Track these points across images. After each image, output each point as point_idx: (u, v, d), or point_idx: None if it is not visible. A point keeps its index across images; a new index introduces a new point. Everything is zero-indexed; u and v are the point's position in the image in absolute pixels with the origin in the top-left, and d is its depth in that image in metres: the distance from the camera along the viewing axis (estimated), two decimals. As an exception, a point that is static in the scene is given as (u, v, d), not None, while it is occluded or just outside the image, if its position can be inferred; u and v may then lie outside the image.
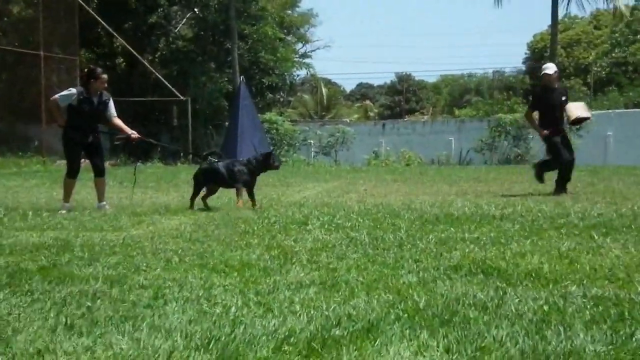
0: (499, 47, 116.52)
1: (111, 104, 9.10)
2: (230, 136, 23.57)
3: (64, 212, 8.43)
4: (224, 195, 9.68)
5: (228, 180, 8.81)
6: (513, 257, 4.89)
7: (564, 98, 10.53)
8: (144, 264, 4.83)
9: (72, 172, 9.02)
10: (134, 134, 9.23)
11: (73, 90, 8.94)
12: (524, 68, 56.18)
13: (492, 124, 26.87)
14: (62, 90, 9.46)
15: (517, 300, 3.70)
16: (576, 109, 10.60)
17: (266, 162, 8.90)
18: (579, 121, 10.73)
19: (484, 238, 5.77)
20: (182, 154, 25.46)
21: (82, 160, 9.22)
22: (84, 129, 8.91)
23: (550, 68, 10.73)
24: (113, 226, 7.05)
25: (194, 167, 20.45)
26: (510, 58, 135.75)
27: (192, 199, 8.80)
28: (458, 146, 28.28)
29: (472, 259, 4.84)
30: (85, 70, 9.06)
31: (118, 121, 9.20)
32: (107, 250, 5.46)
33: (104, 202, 8.98)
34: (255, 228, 6.64)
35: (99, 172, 9.10)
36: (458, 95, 59.58)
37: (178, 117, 30.23)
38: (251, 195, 8.78)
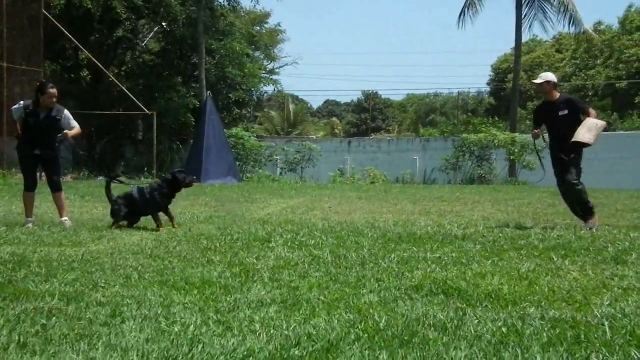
0: (464, 68, 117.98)
1: (66, 117, 8.85)
2: (196, 151, 23.45)
3: (30, 225, 8.31)
4: (187, 211, 9.58)
5: (144, 210, 8.46)
6: (474, 278, 4.92)
7: (565, 111, 8.66)
8: (103, 281, 4.76)
9: (27, 185, 8.90)
10: (65, 132, 8.78)
11: (21, 104, 8.84)
12: (488, 89, 56.98)
13: (456, 144, 27.14)
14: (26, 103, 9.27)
15: (476, 321, 3.72)
16: (584, 128, 8.49)
17: (177, 182, 8.58)
18: (579, 144, 8.53)
19: (446, 258, 5.81)
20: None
21: (39, 173, 9.06)
22: (32, 142, 8.76)
23: (540, 77, 8.97)
24: (72, 241, 6.94)
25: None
26: (475, 78, 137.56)
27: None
28: (422, 165, 28.50)
29: (434, 278, 4.86)
30: (37, 84, 8.89)
31: (75, 132, 8.89)
32: (65, 266, 5.38)
33: (65, 217, 8.81)
34: (218, 245, 6.59)
35: (54, 187, 8.94)
36: (423, 114, 60.14)
37: (143, 131, 29.97)
38: (169, 215, 8.48)
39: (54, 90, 8.76)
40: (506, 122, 32.14)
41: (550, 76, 8.95)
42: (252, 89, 32.43)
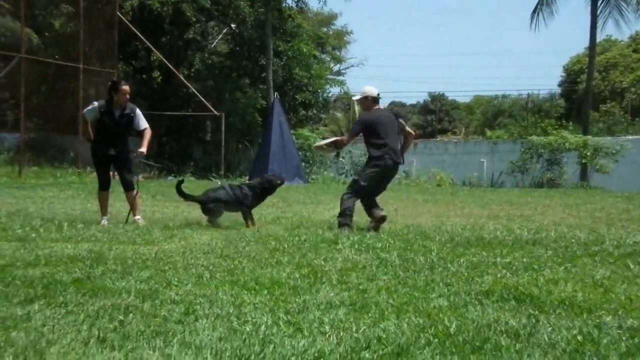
0: (534, 69, 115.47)
1: (138, 116, 9.08)
2: (263, 152, 23.67)
3: (105, 223, 8.56)
4: (254, 212, 9.67)
5: (235, 208, 8.76)
6: (546, 284, 4.82)
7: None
8: (176, 279, 4.86)
9: (102, 185, 9.13)
10: (140, 151, 9.05)
11: (95, 104, 9.00)
12: (559, 91, 55.62)
13: (525, 146, 26.64)
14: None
15: (550, 328, 3.65)
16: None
17: (271, 187, 8.98)
18: None
19: (517, 263, 5.71)
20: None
21: (113, 172, 9.31)
22: (107, 142, 8.97)
23: (362, 92, 8.94)
24: (146, 240, 7.10)
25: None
26: (545, 80, 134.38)
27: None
28: (490, 168, 28.08)
29: (504, 284, 4.78)
30: (109, 83, 9.15)
31: (145, 133, 9.10)
32: (140, 263, 5.50)
33: (138, 216, 9.02)
34: (286, 246, 6.64)
35: (127, 186, 9.14)
36: (491, 116, 59.17)
37: (212, 132, 30.46)
38: (251, 217, 8.75)
39: (126, 87, 8.96)
40: (578, 125, 31.35)
41: (369, 90, 8.92)
42: (319, 91, 32.56)
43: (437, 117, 61.70)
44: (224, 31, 32.96)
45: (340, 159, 27.98)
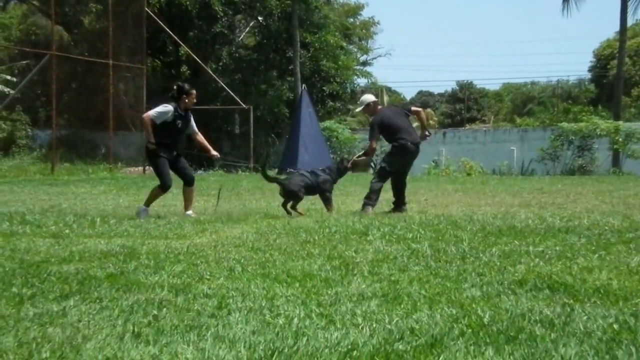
0: (564, 55, 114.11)
1: (192, 120, 9.36)
2: (292, 144, 23.71)
3: (145, 214, 8.77)
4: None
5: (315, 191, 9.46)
6: (580, 272, 4.75)
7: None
8: (208, 273, 4.88)
9: (166, 188, 9.25)
10: (214, 154, 9.63)
11: (169, 107, 9.00)
12: (589, 76, 54.82)
13: (555, 133, 26.33)
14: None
15: (585, 317, 3.60)
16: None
17: (343, 168, 9.76)
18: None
19: (549, 252, 5.63)
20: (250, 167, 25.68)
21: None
22: (173, 145, 9.13)
23: (361, 102, 10.08)
24: (177, 234, 7.15)
25: (255, 175, 20.62)
26: (575, 66, 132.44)
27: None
28: (520, 156, 27.79)
29: (538, 273, 4.73)
30: (175, 87, 9.28)
31: (201, 137, 9.52)
32: (172, 258, 5.53)
33: (190, 211, 9.21)
34: (316, 237, 6.63)
35: (190, 181, 9.35)
36: (520, 103, 58.59)
37: (240, 125, 30.56)
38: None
39: (195, 91, 9.25)
40: (609, 110, 30.89)
41: (369, 98, 9.92)
42: (346, 82, 32.49)
43: (465, 105, 61.26)
44: (251, 24, 33.03)
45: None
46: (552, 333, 3.34)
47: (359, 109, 10.06)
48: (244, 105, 26.85)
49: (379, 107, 10.00)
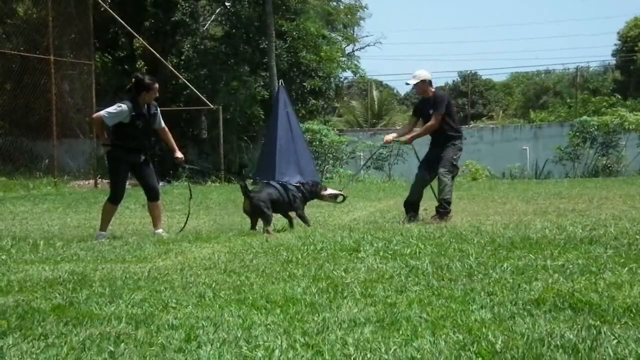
0: (583, 39, 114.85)
1: (159, 113, 9.38)
2: (268, 150, 23.67)
3: (103, 241, 8.59)
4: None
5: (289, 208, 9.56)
6: (607, 289, 4.80)
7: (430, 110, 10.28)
8: (174, 301, 4.89)
9: (116, 198, 9.18)
10: (179, 157, 9.53)
11: (124, 107, 8.92)
12: (614, 61, 55.22)
13: (575, 129, 26.51)
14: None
15: (615, 341, 3.64)
16: None
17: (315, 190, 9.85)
18: None
19: (571, 266, 5.69)
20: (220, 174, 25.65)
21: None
22: (138, 148, 9.11)
23: (415, 77, 10.31)
24: (137, 256, 7.13)
25: (227, 186, 20.57)
26: (598, 50, 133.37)
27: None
28: (534, 156, 27.97)
29: (557, 291, 4.77)
30: (132, 80, 9.22)
31: (168, 134, 9.49)
32: (131, 284, 5.53)
33: (160, 229, 9.19)
34: (300, 256, 6.66)
35: (154, 195, 9.30)
36: (533, 96, 58.94)
37: (208, 129, 30.51)
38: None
39: (157, 85, 9.19)
40: (636, 101, 31.17)
41: (426, 74, 10.23)
42: (330, 76, 32.56)
43: (469, 99, 61.51)
44: (217, 11, 33.04)
45: (359, 153, 27.98)
46: None
47: (413, 82, 10.18)
48: (212, 106, 26.82)
49: (432, 89, 10.38)
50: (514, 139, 29.41)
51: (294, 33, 30.49)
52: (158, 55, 26.98)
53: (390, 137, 10.62)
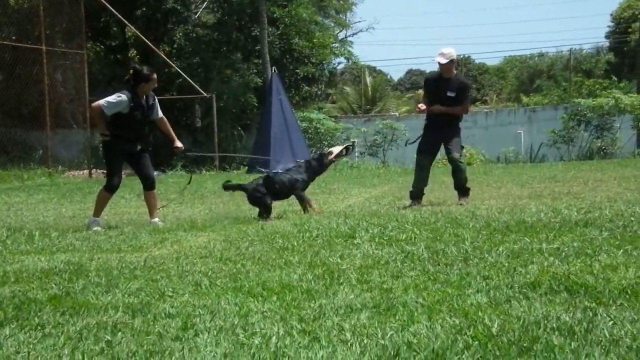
0: (576, 21, 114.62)
1: (157, 103, 9.40)
2: (263, 137, 23.65)
3: (98, 229, 8.64)
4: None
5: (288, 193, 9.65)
6: (603, 271, 4.81)
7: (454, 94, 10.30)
8: (170, 289, 4.90)
9: (112, 187, 9.22)
10: (179, 146, 9.65)
11: (123, 97, 8.97)
12: (607, 43, 55.13)
13: (569, 112, 26.49)
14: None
15: (610, 322, 3.65)
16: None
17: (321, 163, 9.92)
18: None
19: (566, 249, 5.69)
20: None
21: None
22: (135, 138, 9.16)
23: (444, 55, 10.23)
24: (132, 246, 7.15)
25: (223, 175, 20.56)
26: (591, 32, 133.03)
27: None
28: (528, 140, 27.99)
29: (553, 274, 4.78)
30: (131, 70, 9.26)
31: (166, 124, 9.52)
32: (127, 274, 5.54)
33: (157, 218, 9.20)
34: (295, 243, 6.68)
35: (150, 185, 9.32)
36: (527, 79, 58.90)
37: (202, 117, 30.44)
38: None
39: (155, 75, 9.25)
40: (631, 83, 31.15)
41: (453, 54, 10.31)
42: (323, 62, 32.50)
43: (463, 84, 61.47)
44: (209, -2, 32.90)
45: (353, 139, 27.94)
46: (573, 342, 3.38)
47: (444, 61, 10.13)
48: (205, 94, 26.75)
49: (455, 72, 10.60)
50: (508, 123, 29.45)
51: (286, 19, 30.41)
52: (150, 43, 26.88)
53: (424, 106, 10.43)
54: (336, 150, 10.20)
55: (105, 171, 9.47)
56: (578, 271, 4.84)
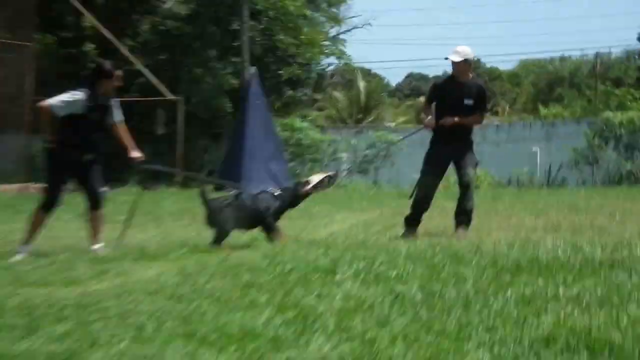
0: (603, 20, 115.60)
1: (118, 104, 9.40)
2: (234, 149, 23.57)
3: (21, 256, 8.52)
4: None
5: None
6: (632, 326, 4.73)
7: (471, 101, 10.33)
8: (106, 334, 4.83)
9: (50, 204, 9.09)
10: (136, 156, 9.45)
11: (79, 96, 8.97)
12: (639, 47, 55.66)
13: (593, 127, 26.56)
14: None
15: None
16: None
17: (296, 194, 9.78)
18: None
19: (587, 296, 5.63)
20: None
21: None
22: (86, 145, 9.06)
23: (458, 53, 10.13)
24: (65, 279, 7.08)
25: (184, 193, 20.42)
26: (621, 33, 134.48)
27: None
28: (546, 160, 28.02)
29: (571, 327, 4.72)
30: (94, 67, 9.35)
31: (124, 129, 9.40)
32: (54, 313, 5.48)
33: (98, 245, 9.04)
34: (264, 279, 6.66)
35: (97, 204, 9.22)
36: (545, 87, 59.37)
37: (165, 123, 30.38)
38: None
39: (120, 72, 9.28)
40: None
41: (469, 52, 10.16)
42: (311, 63, 32.59)
43: (471, 92, 61.91)
44: (182, -14, 32.96)
45: (343, 154, 27.93)
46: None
47: (457, 59, 9.98)
48: (171, 97, 26.71)
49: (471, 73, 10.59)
50: (522, 138, 29.48)
51: (270, 12, 30.49)
52: (110, 36, 26.83)
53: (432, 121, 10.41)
54: (315, 179, 10.02)
55: (43, 185, 9.28)
56: (602, 325, 4.76)
